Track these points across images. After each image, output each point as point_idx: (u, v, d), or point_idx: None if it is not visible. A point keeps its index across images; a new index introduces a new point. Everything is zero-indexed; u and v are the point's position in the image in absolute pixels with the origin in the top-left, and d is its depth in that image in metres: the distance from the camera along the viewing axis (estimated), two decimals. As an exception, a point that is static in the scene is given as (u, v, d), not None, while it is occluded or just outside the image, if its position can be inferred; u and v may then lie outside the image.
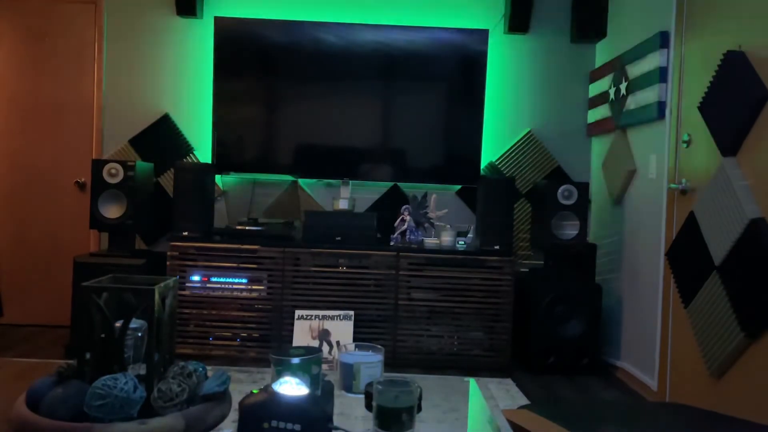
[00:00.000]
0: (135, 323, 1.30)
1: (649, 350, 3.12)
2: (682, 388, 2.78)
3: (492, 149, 4.09)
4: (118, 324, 1.26)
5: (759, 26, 2.31)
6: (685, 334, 2.75)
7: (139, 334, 1.34)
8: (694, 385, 2.67)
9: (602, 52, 3.97)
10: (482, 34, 3.88)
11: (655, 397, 3.02)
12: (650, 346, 3.11)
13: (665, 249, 2.98)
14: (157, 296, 1.25)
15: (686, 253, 2.76)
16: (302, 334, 3.33)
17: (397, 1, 4.05)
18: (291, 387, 1.25)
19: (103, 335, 1.26)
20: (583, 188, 3.52)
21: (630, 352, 3.37)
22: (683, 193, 2.83)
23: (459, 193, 4.10)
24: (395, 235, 3.63)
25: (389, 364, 3.42)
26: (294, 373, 1.35)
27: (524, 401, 2.93)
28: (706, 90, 2.63)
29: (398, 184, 4.05)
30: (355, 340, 3.36)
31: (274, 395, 1.22)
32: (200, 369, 1.31)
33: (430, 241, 3.61)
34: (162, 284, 1.28)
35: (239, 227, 3.57)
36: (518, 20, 3.96)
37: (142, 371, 1.29)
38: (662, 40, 3.04)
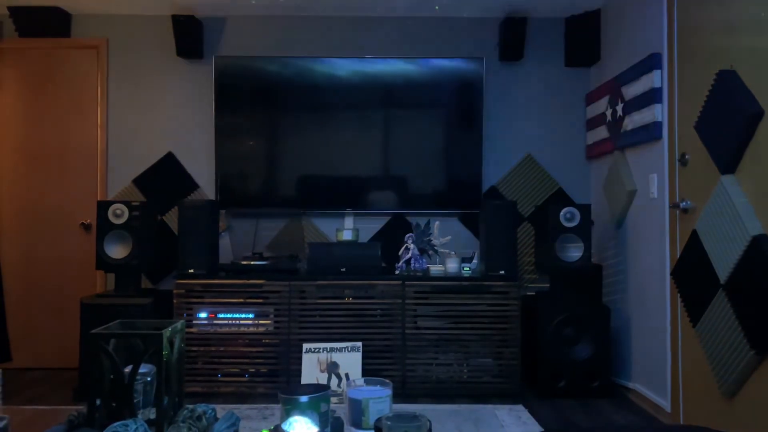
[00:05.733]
0: (144, 368, 1.31)
1: (660, 371, 3.10)
2: (695, 409, 2.75)
3: (493, 174, 4.12)
4: (127, 369, 1.27)
5: (748, 45, 2.35)
6: (696, 354, 2.73)
7: (149, 379, 1.35)
8: (707, 405, 2.64)
9: (597, 75, 4.02)
10: (478, 62, 3.94)
11: (669, 418, 2.99)
12: (661, 366, 3.09)
13: (670, 268, 2.98)
14: (165, 340, 1.26)
15: (691, 271, 2.75)
16: (310, 367, 3.32)
17: (394, 35, 4.12)
18: (300, 426, 1.25)
19: (112, 378, 1.27)
20: (585, 210, 3.53)
21: (641, 373, 3.34)
22: (685, 212, 2.84)
23: (462, 218, 4.11)
24: (400, 263, 3.64)
25: (399, 395, 3.40)
26: (303, 412, 1.35)
27: (536, 428, 2.90)
28: (701, 109, 2.66)
29: (401, 212, 4.07)
30: (363, 371, 3.34)
31: (284, 435, 1.22)
32: (209, 411, 1.31)
33: (435, 269, 3.62)
34: (170, 328, 1.30)
35: (244, 262, 3.59)
36: (511, 49, 4.02)
37: (153, 415, 1.29)
38: (655, 61, 3.09)
